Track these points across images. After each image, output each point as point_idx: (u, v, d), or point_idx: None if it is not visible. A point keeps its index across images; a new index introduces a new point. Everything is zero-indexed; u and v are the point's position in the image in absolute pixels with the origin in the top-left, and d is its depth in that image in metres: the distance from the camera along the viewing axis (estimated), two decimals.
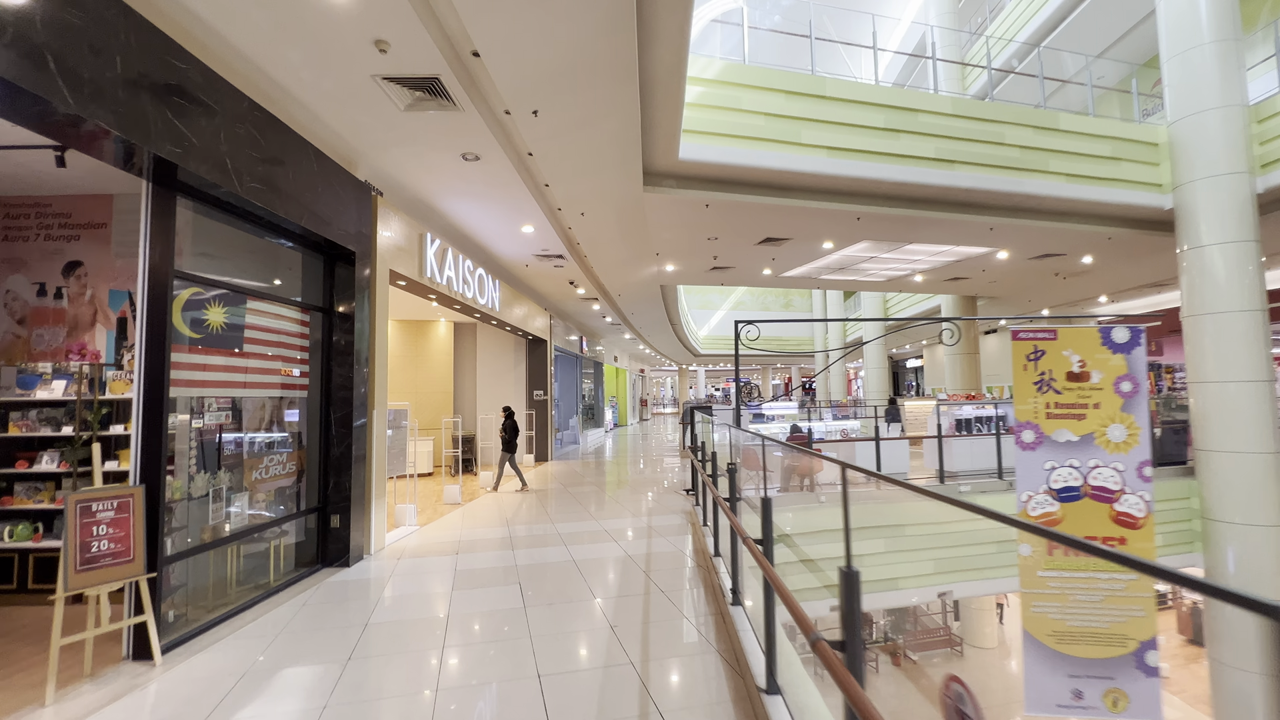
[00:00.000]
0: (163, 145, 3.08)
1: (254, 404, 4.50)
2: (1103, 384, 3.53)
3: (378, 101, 4.37)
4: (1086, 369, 3.54)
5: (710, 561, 4.77)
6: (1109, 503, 3.46)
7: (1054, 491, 3.53)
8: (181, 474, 3.86)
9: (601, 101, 4.73)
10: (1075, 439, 3.53)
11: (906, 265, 11.79)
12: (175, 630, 3.56)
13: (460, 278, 7.60)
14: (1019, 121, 8.21)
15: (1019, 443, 3.61)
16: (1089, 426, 3.52)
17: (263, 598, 4.28)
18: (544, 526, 6.50)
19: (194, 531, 3.90)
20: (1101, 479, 3.49)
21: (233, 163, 3.61)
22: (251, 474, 4.51)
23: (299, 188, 4.34)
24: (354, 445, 5.12)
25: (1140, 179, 8.77)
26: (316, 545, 5.02)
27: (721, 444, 5.20)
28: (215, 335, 3.92)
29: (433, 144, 5.14)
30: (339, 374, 5.16)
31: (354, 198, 5.18)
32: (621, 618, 3.79)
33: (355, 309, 5.23)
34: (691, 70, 6.62)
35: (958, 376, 15.97)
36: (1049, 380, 3.56)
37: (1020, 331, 3.64)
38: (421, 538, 6.07)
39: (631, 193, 6.80)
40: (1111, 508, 3.46)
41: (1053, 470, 3.55)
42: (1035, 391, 3.58)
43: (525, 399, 13.15)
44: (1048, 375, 3.56)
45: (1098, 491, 3.48)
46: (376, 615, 3.91)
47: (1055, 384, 3.55)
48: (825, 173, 7.22)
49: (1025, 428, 3.59)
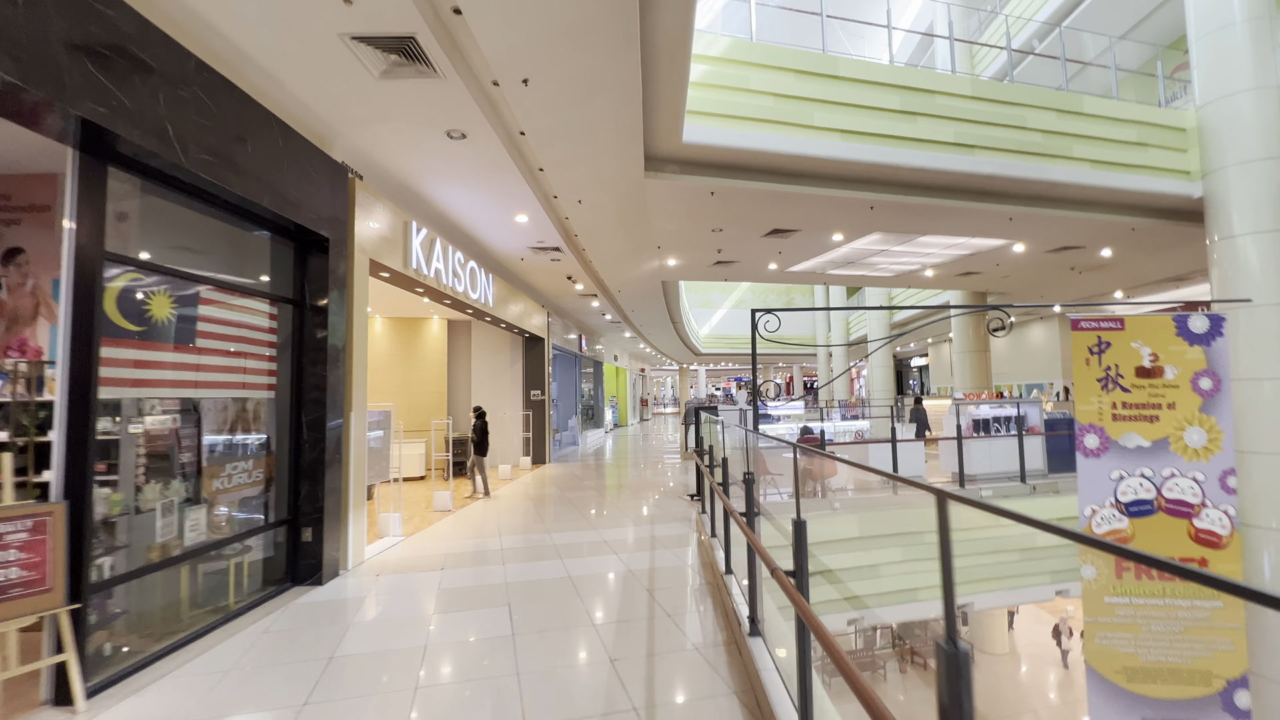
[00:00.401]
0: (81, 103, 2.62)
1: (214, 405, 4.04)
2: (1178, 380, 3.07)
3: (348, 67, 3.90)
4: (1159, 363, 3.07)
5: (720, 579, 4.31)
6: (1187, 518, 3.00)
7: (1122, 505, 3.06)
8: (125, 485, 3.41)
9: (599, 71, 4.27)
10: (1147, 445, 3.07)
11: (918, 259, 11.33)
12: (111, 666, 3.10)
13: (450, 270, 7.14)
14: (1042, 105, 7.75)
15: (1081, 449, 3.14)
16: (1163, 430, 3.06)
17: (220, 623, 3.82)
18: (539, 537, 6.04)
19: (138, 551, 3.44)
20: (1178, 491, 3.02)
21: (175, 130, 3.15)
22: (212, 483, 4.05)
23: (261, 164, 3.88)
24: (327, 450, 4.66)
25: (1168, 166, 8.32)
26: (286, 561, 4.55)
27: (733, 448, 4.73)
28: (161, 327, 3.45)
29: (414, 119, 4.67)
30: (312, 372, 4.69)
31: (328, 179, 4.72)
32: (623, 648, 3.33)
33: (330, 301, 4.77)
34: (696, 48, 6.15)
35: (967, 375, 15.52)
36: (1115, 377, 3.09)
37: (1081, 320, 3.17)
38: (406, 550, 5.61)
39: (632, 178, 6.34)
40: (1190, 524, 3.00)
41: (1121, 481, 3.08)
42: (1099, 390, 3.11)
43: (522, 399, 12.69)
44: (1114, 371, 3.09)
45: (1174, 506, 3.01)
46: (345, 645, 3.44)
47: (1123, 381, 3.08)
48: (838, 157, 6.76)
49: (1088, 432, 3.12)
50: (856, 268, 11.91)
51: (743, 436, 4.00)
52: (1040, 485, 8.07)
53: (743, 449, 5.88)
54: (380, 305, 10.52)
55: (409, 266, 6.06)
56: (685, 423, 14.07)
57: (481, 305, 8.39)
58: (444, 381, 11.94)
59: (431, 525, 6.68)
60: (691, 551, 5.37)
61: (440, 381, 11.91)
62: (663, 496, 8.37)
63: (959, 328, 15.74)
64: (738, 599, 3.70)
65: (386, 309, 10.99)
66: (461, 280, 7.55)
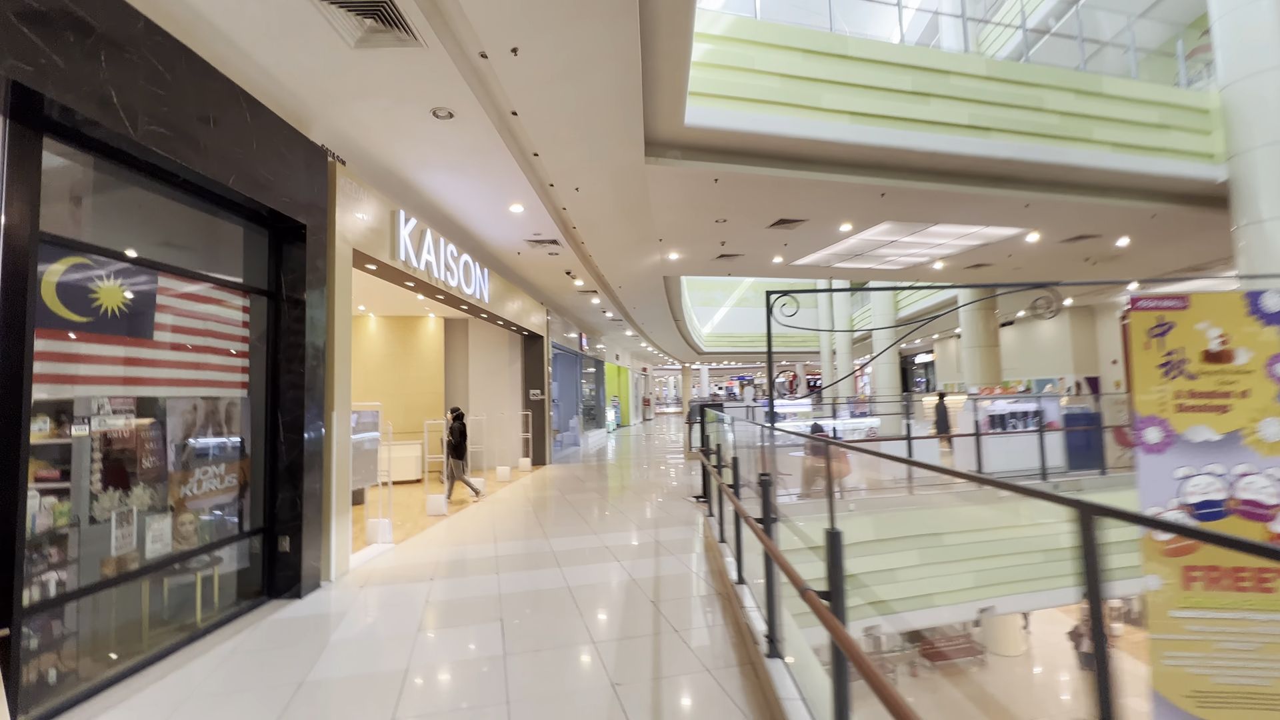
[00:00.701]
0: (1, 59, 2.30)
1: (181, 406, 3.72)
2: (1252, 365, 2.73)
3: (320, 33, 3.57)
4: (1229, 347, 2.73)
5: (731, 589, 3.98)
6: (1264, 521, 2.66)
7: (1189, 507, 2.72)
8: (78, 493, 3.09)
9: (594, 40, 3.94)
10: (1217, 438, 2.73)
11: (927, 251, 10.98)
12: (54, 695, 2.78)
13: (442, 263, 6.81)
14: (1060, 85, 7.41)
15: (1140, 444, 2.80)
16: (1235, 422, 2.71)
17: (186, 643, 3.50)
18: (537, 543, 5.71)
19: (90, 566, 3.11)
20: (1253, 490, 2.68)
21: (121, 97, 2.82)
22: (179, 490, 3.72)
23: (225, 141, 3.56)
24: (307, 453, 4.33)
25: (1190, 148, 7.97)
26: (262, 573, 4.22)
27: (744, 447, 4.40)
28: (112, 319, 3.13)
29: (396, 95, 4.35)
30: (289, 369, 4.37)
31: (304, 162, 4.39)
32: (626, 670, 3.00)
33: (309, 294, 4.44)
34: (698, 26, 5.81)
35: (977, 370, 15.15)
36: (1180, 363, 2.75)
37: (1140, 299, 2.82)
38: (395, 558, 5.29)
39: (632, 164, 6.01)
40: (1267, 528, 2.66)
41: (1187, 479, 2.74)
42: (1161, 377, 2.76)
43: (521, 399, 12.36)
44: (1178, 356, 2.75)
45: (1248, 507, 2.67)
46: (318, 669, 3.12)
47: (1188, 367, 2.74)
48: (847, 141, 6.43)
49: (1149, 424, 2.77)
50: (864, 260, 11.55)
51: (756, 434, 3.66)
52: (1062, 483, 7.72)
53: (752, 448, 5.55)
54: (374, 303, 10.21)
55: (397, 258, 5.73)
56: (689, 421, 13.73)
57: (476, 301, 8.06)
58: (440, 381, 11.62)
59: (424, 531, 6.35)
60: (698, 557, 5.04)
61: (437, 381, 11.59)
62: (666, 498, 8.04)
63: (968, 322, 15.38)
64: (752, 613, 3.36)
65: (381, 307, 10.68)
66: (455, 274, 7.22)
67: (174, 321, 3.55)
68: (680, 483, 9.46)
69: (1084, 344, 17.46)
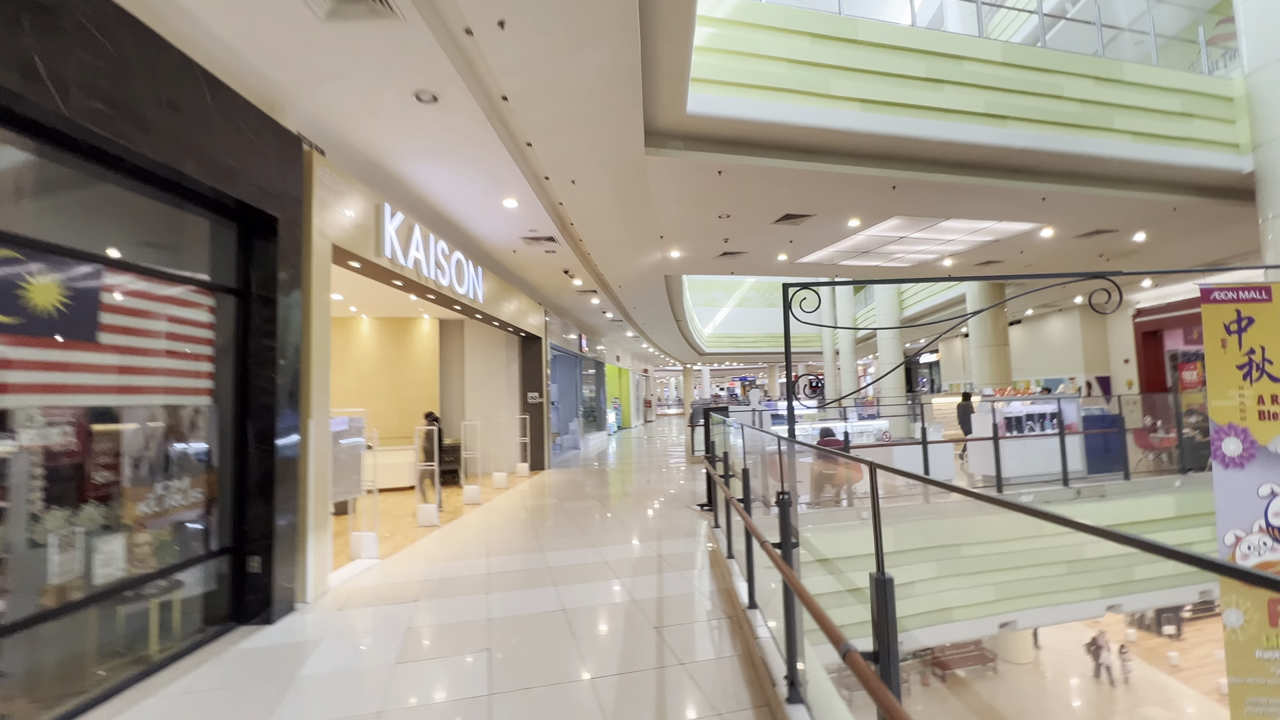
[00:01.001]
0: None
1: (136, 415, 3.38)
2: None
3: (285, 3, 3.24)
4: None
5: (742, 614, 3.63)
6: None
7: (1276, 530, 2.37)
8: (15, 514, 2.75)
9: (589, 12, 3.61)
10: None
11: (937, 248, 10.63)
12: None
13: (432, 261, 6.47)
14: (1079, 72, 7.06)
15: (1218, 457, 2.44)
16: None
17: (139, 678, 3.15)
18: (531, 557, 5.36)
19: (28, 595, 2.78)
20: None
21: (48, 67, 2.49)
22: (134, 508, 3.39)
23: (181, 124, 3.22)
24: (279, 465, 3.99)
25: (1214, 138, 7.62)
26: (230, 597, 3.88)
27: (754, 453, 4.05)
28: (44, 319, 2.78)
29: (375, 75, 4.01)
30: (260, 374, 4.03)
31: (275, 149, 4.05)
32: (626, 713, 2.65)
33: (282, 292, 4.10)
34: (700, 8, 5.48)
35: (985, 370, 14.79)
36: (1262, 363, 2.40)
37: (1214, 290, 2.47)
38: (380, 575, 4.94)
39: (631, 154, 5.67)
40: None
41: (1274, 498, 2.39)
42: (1240, 380, 2.40)
43: (519, 402, 12.02)
44: (1259, 356, 2.40)
45: None
46: (278, 714, 2.77)
47: (1271, 368, 2.40)
48: (857, 130, 6.09)
49: (1227, 434, 2.41)
50: (871, 258, 11.21)
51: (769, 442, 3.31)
52: (1084, 489, 7.37)
53: (763, 455, 5.20)
54: (366, 304, 9.87)
55: (382, 255, 5.39)
56: (692, 424, 13.38)
57: (470, 301, 7.72)
58: (435, 385, 11.29)
59: (413, 544, 6.00)
60: (704, 574, 4.69)
61: (432, 384, 11.26)
62: (669, 506, 7.69)
63: (976, 320, 15.03)
64: (767, 645, 3.01)
65: (373, 308, 10.35)
66: (446, 273, 6.88)
67: (124, 323, 3.21)
68: (682, 489, 9.11)
69: (1095, 343, 17.10)
